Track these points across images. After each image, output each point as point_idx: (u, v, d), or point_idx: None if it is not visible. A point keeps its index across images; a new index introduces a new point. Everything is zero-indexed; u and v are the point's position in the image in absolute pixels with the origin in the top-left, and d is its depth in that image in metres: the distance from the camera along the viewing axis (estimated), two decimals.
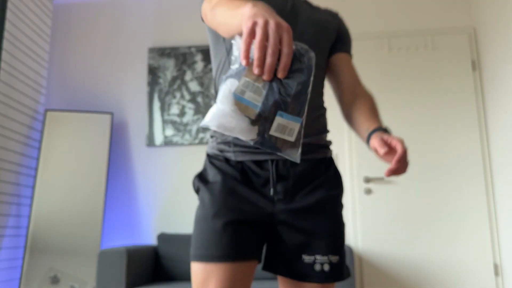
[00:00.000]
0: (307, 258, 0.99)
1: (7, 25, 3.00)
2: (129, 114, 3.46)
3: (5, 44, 2.97)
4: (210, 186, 1.03)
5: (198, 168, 3.32)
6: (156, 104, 3.43)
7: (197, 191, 1.07)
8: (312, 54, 0.77)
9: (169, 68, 3.48)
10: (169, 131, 3.38)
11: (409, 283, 3.03)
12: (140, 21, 3.62)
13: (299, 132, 0.76)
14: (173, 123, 3.39)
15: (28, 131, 3.24)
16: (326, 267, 0.99)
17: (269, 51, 0.70)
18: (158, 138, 3.38)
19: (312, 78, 0.77)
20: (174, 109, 3.41)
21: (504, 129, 2.88)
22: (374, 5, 3.47)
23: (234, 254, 0.96)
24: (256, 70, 0.72)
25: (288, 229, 1.02)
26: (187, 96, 3.42)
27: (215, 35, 1.12)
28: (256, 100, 0.73)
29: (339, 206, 1.07)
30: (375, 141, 0.93)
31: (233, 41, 0.77)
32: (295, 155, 0.77)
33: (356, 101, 1.11)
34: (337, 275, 1.00)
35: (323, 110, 1.13)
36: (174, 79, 3.46)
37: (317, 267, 0.99)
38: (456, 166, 3.14)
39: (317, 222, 1.01)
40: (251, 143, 0.77)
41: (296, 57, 0.75)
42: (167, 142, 3.37)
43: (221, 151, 1.05)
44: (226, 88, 0.74)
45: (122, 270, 2.53)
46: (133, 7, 3.65)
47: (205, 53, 3.47)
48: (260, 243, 1.02)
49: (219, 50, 1.11)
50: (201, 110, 3.40)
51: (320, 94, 1.12)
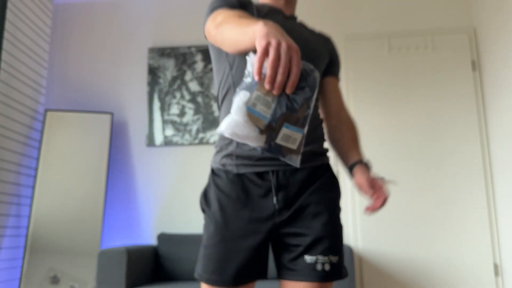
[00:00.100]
0: (309, 259, 1.05)
1: (7, 25, 3.00)
2: (129, 114, 3.46)
3: (5, 44, 2.97)
4: (213, 215, 1.10)
5: (198, 168, 3.33)
6: (156, 104, 3.43)
7: (203, 211, 1.16)
8: (317, 74, 0.86)
9: (169, 68, 3.48)
10: (169, 131, 3.38)
11: (409, 283, 3.03)
12: (140, 21, 3.62)
13: (301, 141, 0.87)
14: (173, 123, 3.39)
15: (28, 131, 3.24)
16: (327, 267, 1.05)
17: (280, 70, 0.79)
18: (158, 138, 3.38)
19: (316, 95, 0.87)
20: (174, 109, 3.41)
21: (504, 129, 2.88)
22: (374, 5, 3.47)
23: (237, 281, 1.05)
24: (267, 86, 0.81)
25: (291, 235, 1.08)
26: (187, 96, 3.42)
27: (218, 51, 1.18)
28: (266, 112, 0.83)
29: (337, 209, 1.13)
30: (363, 180, 1.13)
31: (247, 58, 0.87)
32: (296, 161, 0.88)
33: (341, 128, 1.26)
34: (337, 274, 1.07)
35: (320, 121, 1.21)
36: (174, 79, 3.46)
37: (319, 267, 1.04)
38: (456, 166, 3.14)
39: (317, 225, 1.07)
40: (259, 149, 0.87)
41: (303, 76, 0.84)
42: (167, 142, 3.37)
43: (223, 165, 1.12)
44: (240, 100, 0.83)
45: (122, 270, 2.53)
46: (133, 7, 3.65)
47: (205, 53, 3.47)
48: (264, 260, 1.09)
49: (222, 65, 1.17)
50: (201, 110, 3.39)
51: (316, 107, 1.22)
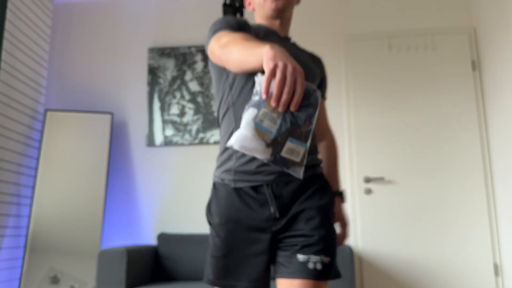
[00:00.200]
0: (302, 257, 1.10)
1: (7, 25, 3.00)
2: (129, 114, 3.46)
3: (5, 44, 2.97)
4: (217, 230, 1.19)
5: (198, 168, 3.33)
6: (156, 104, 3.43)
7: (209, 224, 1.24)
8: (319, 94, 0.95)
9: (169, 68, 3.48)
10: (169, 131, 3.38)
11: (409, 283, 3.03)
12: (140, 21, 3.62)
13: (304, 154, 0.95)
14: (173, 123, 3.39)
15: (28, 131, 3.24)
16: (319, 266, 1.10)
17: (286, 90, 0.88)
18: (158, 138, 3.38)
19: (318, 112, 0.94)
20: (174, 109, 3.41)
21: (504, 129, 2.88)
22: (374, 5, 3.47)
23: (253, 284, 1.14)
24: (274, 104, 0.90)
25: (287, 237, 1.14)
26: (187, 96, 3.42)
27: (219, 73, 1.25)
28: (272, 128, 0.92)
29: (329, 215, 1.19)
30: (338, 216, 1.38)
31: (256, 78, 0.96)
32: (299, 173, 0.96)
33: (325, 151, 1.45)
34: (329, 274, 1.12)
35: (314, 135, 1.31)
36: (174, 79, 3.46)
37: (311, 266, 1.09)
38: (456, 166, 3.14)
39: (310, 228, 1.13)
40: (266, 161, 0.95)
41: (306, 95, 0.93)
42: (167, 142, 3.37)
43: (223, 180, 1.21)
44: (249, 116, 0.92)
45: (122, 270, 2.53)
46: (133, 7, 3.65)
47: (205, 53, 3.47)
48: (267, 266, 1.16)
49: (222, 86, 1.25)
50: (201, 110, 3.39)
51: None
